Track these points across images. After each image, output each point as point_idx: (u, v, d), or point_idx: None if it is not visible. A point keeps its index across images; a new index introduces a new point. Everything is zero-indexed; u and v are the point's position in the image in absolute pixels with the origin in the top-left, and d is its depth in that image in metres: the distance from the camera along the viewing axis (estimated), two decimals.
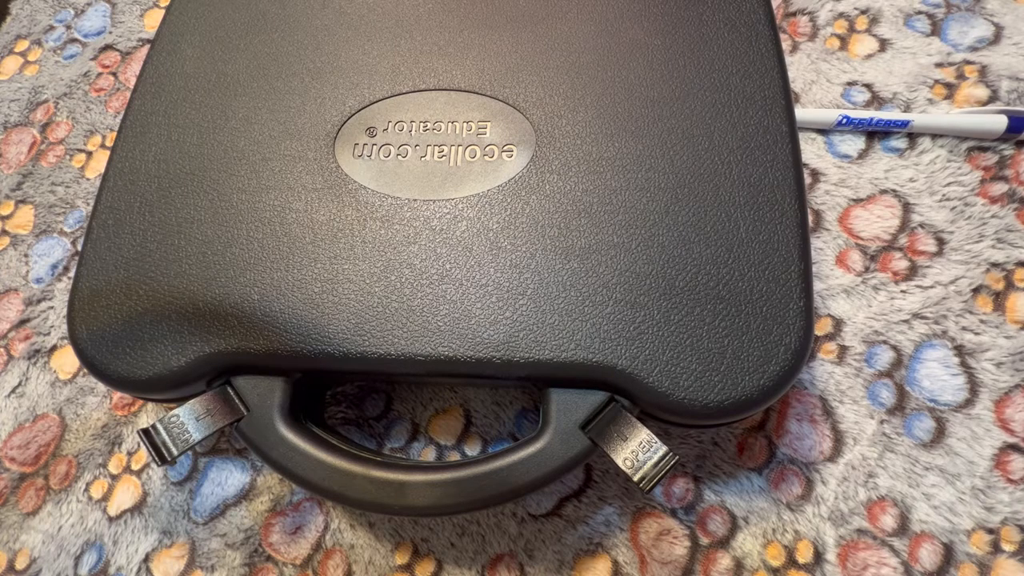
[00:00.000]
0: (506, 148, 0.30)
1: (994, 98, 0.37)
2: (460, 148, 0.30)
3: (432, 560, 0.30)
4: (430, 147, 0.30)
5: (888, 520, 0.29)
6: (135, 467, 0.32)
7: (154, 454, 0.25)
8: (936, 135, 0.36)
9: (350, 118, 0.31)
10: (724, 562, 0.29)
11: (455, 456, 0.31)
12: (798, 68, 0.39)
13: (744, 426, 0.31)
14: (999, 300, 0.33)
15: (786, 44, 0.40)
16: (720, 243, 0.27)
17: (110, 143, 0.40)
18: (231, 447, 0.32)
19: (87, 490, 0.32)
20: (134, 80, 0.37)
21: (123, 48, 0.43)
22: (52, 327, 0.35)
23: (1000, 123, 0.35)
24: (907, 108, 0.37)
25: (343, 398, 0.32)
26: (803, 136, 0.37)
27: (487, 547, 0.30)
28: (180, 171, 0.30)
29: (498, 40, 0.32)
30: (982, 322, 0.32)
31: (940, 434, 0.30)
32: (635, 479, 0.24)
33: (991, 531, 0.29)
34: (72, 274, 0.34)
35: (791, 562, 0.29)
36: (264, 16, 0.34)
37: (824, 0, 0.41)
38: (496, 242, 0.28)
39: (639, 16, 0.32)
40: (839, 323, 0.33)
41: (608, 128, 0.29)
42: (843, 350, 0.32)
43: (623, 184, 0.28)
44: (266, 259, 0.28)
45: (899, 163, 0.36)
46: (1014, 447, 0.30)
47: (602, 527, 0.30)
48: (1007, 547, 0.28)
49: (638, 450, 0.24)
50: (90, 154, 0.40)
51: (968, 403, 0.31)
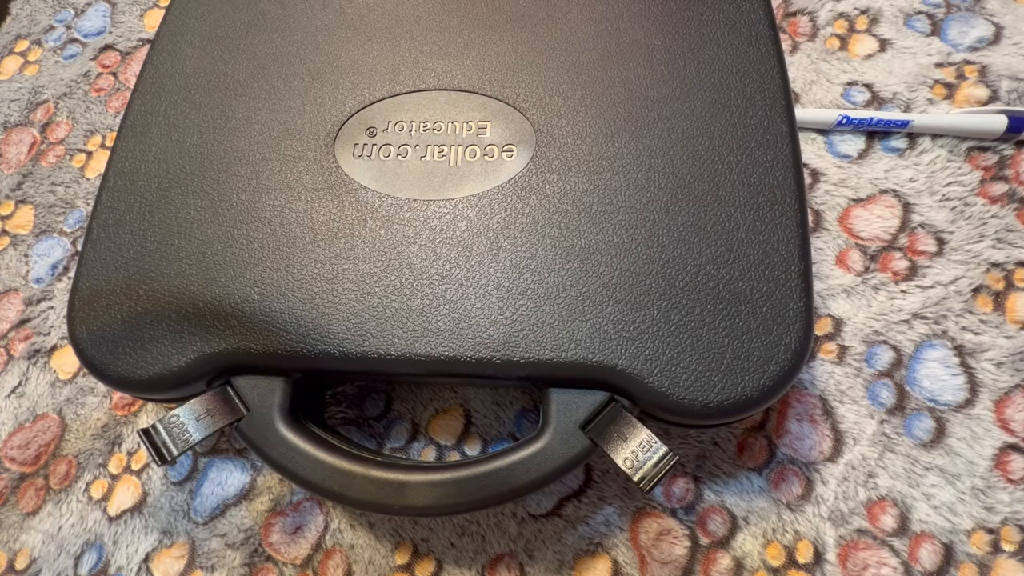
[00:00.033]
0: (506, 148, 0.30)
1: (994, 98, 0.37)
2: (460, 148, 0.30)
3: (432, 560, 0.30)
4: (430, 147, 0.30)
5: (888, 520, 0.29)
6: (135, 467, 0.32)
7: (154, 454, 0.25)
8: (936, 135, 0.36)
9: (350, 118, 0.31)
10: (724, 562, 0.29)
11: (455, 456, 0.31)
12: (798, 68, 0.39)
13: (744, 426, 0.31)
14: (999, 300, 0.33)
15: (786, 44, 0.40)
16: (720, 243, 0.27)
17: (110, 143, 0.40)
18: (231, 447, 0.32)
19: (87, 490, 0.32)
20: (134, 80, 0.37)
21: (123, 48, 0.43)
22: (52, 327, 0.35)
23: (1000, 123, 0.35)
24: (907, 108, 0.37)
25: (343, 398, 0.32)
26: (803, 136, 0.37)
27: (487, 547, 0.30)
28: (180, 171, 0.30)
29: (498, 40, 0.32)
30: (982, 322, 0.32)
31: (940, 434, 0.30)
32: (635, 479, 0.24)
33: (991, 531, 0.29)
34: (72, 274, 0.34)
35: (791, 562, 0.29)
36: (264, 16, 0.34)
37: (824, 0, 0.41)
38: (496, 242, 0.28)
39: (639, 16, 0.32)
40: (839, 323, 0.33)
41: (608, 128, 0.29)
42: (843, 350, 0.32)
43: (623, 184, 0.28)
44: (266, 259, 0.28)
45: (899, 163, 0.36)
46: (1014, 447, 0.30)
47: (602, 527, 0.30)
48: (1007, 547, 0.28)
49: (638, 450, 0.24)
50: (90, 154, 0.40)
51: (968, 403, 0.31)
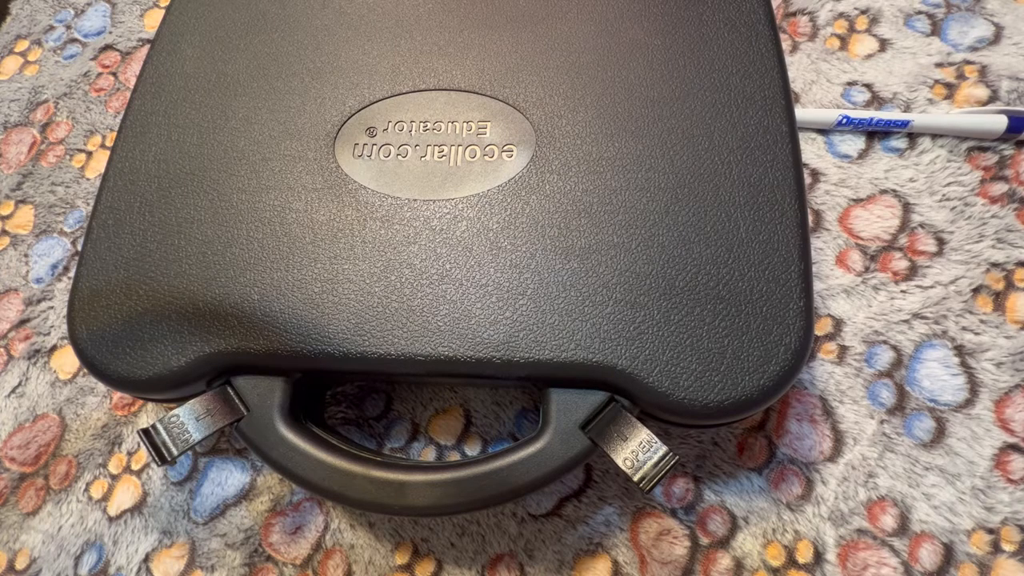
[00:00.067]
0: (506, 148, 0.30)
1: (994, 98, 0.37)
2: (460, 148, 0.30)
3: (432, 560, 0.30)
4: (430, 147, 0.30)
5: (888, 520, 0.29)
6: (135, 467, 0.32)
7: (154, 454, 0.25)
8: (936, 135, 0.36)
9: (350, 118, 0.31)
10: (724, 562, 0.29)
11: (455, 456, 0.31)
12: (798, 68, 0.39)
13: (744, 426, 0.31)
14: (999, 300, 0.33)
15: (786, 44, 0.40)
16: (720, 243, 0.27)
17: (110, 143, 0.40)
18: (231, 447, 0.32)
19: (87, 490, 0.32)
20: (134, 80, 0.37)
21: (123, 48, 0.43)
22: (52, 327, 0.35)
23: (1000, 123, 0.35)
24: (907, 108, 0.37)
25: (343, 398, 0.32)
26: (803, 136, 0.37)
27: (487, 547, 0.30)
28: (180, 171, 0.30)
29: (498, 40, 0.32)
30: (982, 322, 0.32)
31: (940, 434, 0.30)
32: (635, 479, 0.24)
33: (991, 531, 0.29)
34: (72, 274, 0.34)
35: (791, 562, 0.29)
36: (264, 16, 0.34)
37: (824, 0, 0.41)
38: (496, 242, 0.28)
39: (639, 16, 0.32)
40: (839, 323, 0.33)
41: (608, 128, 0.29)
42: (843, 350, 0.32)
43: (623, 184, 0.28)
44: (266, 259, 0.28)
45: (899, 163, 0.36)
46: (1014, 447, 0.30)
47: (602, 527, 0.30)
48: (1007, 547, 0.28)
49: (638, 450, 0.24)
50: (90, 154, 0.40)
51: (968, 403, 0.31)
